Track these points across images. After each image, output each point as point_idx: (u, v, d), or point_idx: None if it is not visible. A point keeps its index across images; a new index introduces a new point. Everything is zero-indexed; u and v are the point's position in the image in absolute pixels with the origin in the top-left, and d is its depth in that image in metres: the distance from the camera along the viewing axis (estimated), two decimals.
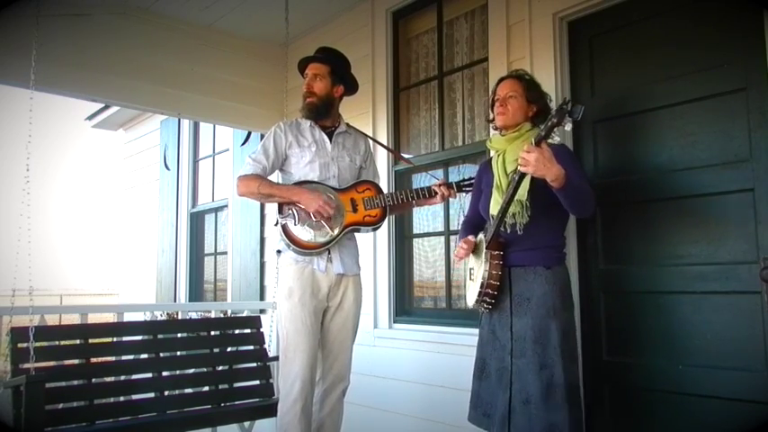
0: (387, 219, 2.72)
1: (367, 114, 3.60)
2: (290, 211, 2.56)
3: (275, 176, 2.75)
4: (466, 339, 2.78)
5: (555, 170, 1.95)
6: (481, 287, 2.23)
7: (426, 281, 3.48)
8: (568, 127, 1.88)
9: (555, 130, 1.89)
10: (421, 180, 3.44)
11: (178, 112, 4.12)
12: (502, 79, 2.42)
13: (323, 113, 2.71)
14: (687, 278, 2.28)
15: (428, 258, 3.46)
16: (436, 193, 2.63)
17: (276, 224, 2.60)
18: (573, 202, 2.11)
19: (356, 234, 2.74)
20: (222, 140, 5.51)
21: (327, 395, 2.65)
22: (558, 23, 2.71)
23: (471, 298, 2.35)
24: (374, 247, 3.51)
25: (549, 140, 1.93)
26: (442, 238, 3.35)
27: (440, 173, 3.36)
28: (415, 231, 3.53)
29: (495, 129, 2.45)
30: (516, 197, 2.12)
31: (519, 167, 1.99)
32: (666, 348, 2.32)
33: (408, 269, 3.52)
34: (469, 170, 3.21)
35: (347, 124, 2.82)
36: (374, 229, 2.76)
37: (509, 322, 2.23)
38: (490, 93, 2.49)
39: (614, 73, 2.58)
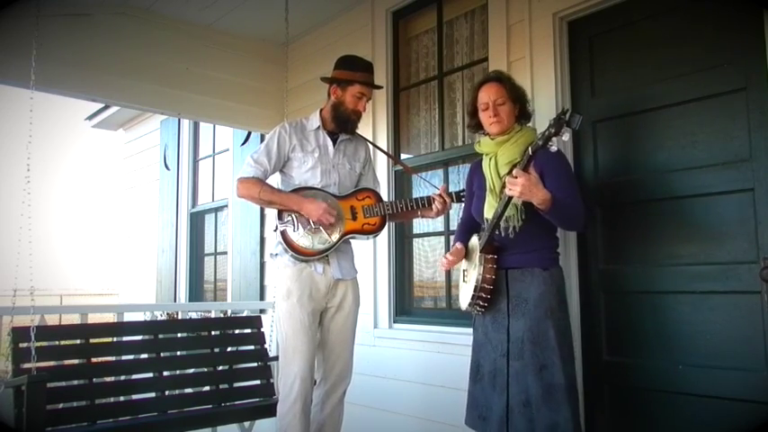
0: (386, 227, 2.72)
1: (367, 114, 3.54)
2: (290, 218, 2.57)
3: (275, 177, 2.75)
4: (466, 339, 2.76)
5: (541, 195, 2.01)
6: (474, 290, 2.24)
7: (426, 281, 3.48)
8: (566, 137, 1.89)
9: (552, 139, 1.91)
10: (420, 183, 3.44)
11: (178, 112, 4.13)
12: (482, 84, 2.38)
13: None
14: (687, 278, 2.28)
15: (428, 258, 3.46)
16: (432, 205, 2.60)
17: (275, 230, 2.60)
18: (560, 222, 2.18)
19: (352, 241, 2.73)
20: (222, 140, 5.50)
21: (329, 396, 2.66)
22: (558, 23, 2.71)
23: (464, 300, 2.35)
24: (374, 247, 3.50)
25: (547, 147, 1.94)
26: (442, 238, 3.35)
27: (439, 178, 3.36)
28: (415, 231, 3.53)
29: (484, 134, 2.42)
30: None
31: (506, 191, 2.04)
32: (666, 348, 2.32)
33: (408, 269, 3.52)
34: None
35: None
36: (373, 237, 2.76)
37: (506, 324, 2.23)
38: (471, 98, 2.42)
39: (614, 73, 2.58)
